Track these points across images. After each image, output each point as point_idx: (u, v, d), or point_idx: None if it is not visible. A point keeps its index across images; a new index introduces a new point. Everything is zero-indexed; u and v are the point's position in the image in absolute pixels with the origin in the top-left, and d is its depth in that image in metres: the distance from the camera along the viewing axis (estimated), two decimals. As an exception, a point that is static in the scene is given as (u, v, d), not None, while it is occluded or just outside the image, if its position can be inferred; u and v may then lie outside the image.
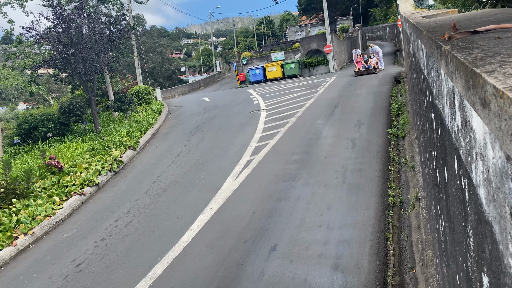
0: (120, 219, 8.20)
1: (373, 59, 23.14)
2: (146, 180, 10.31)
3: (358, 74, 22.53)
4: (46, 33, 15.81)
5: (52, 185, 10.06)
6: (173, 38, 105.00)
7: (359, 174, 8.23)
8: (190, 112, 19.53)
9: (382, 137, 10.34)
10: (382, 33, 61.87)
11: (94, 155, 12.40)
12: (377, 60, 23.18)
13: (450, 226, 2.44)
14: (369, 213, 6.61)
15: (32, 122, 16.58)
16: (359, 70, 22.67)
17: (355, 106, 14.14)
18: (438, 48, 2.16)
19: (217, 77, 49.75)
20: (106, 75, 21.03)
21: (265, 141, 11.65)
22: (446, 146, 2.38)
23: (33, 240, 7.87)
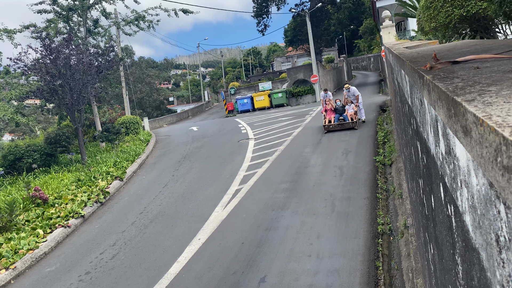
0: (106, 252, 8.00)
1: (350, 107, 15.54)
2: (133, 211, 10.15)
3: (328, 130, 15.24)
4: (34, 64, 15.84)
5: (36, 217, 9.82)
6: (161, 69, 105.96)
7: (348, 202, 8.22)
8: (178, 141, 19.50)
9: (369, 165, 10.41)
10: (367, 63, 63.37)
11: (80, 186, 12.21)
12: (356, 109, 15.54)
13: (439, 253, 2.43)
14: (359, 242, 6.57)
15: (17, 153, 16.34)
16: (330, 124, 15.28)
17: (342, 135, 14.28)
18: (420, 77, 2.22)
19: (205, 107, 50.03)
20: (94, 105, 21.00)
21: (254, 170, 11.63)
22: (432, 173, 2.41)
23: (15, 275, 7.61)
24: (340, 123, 15.09)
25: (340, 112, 15.55)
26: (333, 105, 15.81)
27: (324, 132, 15.05)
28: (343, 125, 15.02)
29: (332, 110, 15.77)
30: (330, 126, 15.14)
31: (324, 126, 15.21)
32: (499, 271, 1.03)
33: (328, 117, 15.55)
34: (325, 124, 15.20)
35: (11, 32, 17.57)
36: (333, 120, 15.39)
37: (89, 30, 20.75)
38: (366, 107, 19.94)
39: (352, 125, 14.92)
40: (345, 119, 15.31)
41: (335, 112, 15.69)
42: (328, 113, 15.76)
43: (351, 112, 15.27)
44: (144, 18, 23.19)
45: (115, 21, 23.23)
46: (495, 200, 1.02)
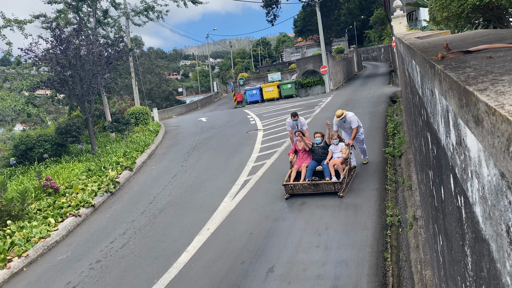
0: (116, 241, 8.10)
1: (336, 149, 9.14)
2: (142, 201, 10.24)
3: (292, 193, 8.64)
4: (45, 54, 15.94)
5: (48, 206, 9.96)
6: (170, 60, 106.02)
7: (357, 194, 8.20)
8: (187, 132, 19.57)
9: (378, 156, 10.36)
10: (377, 54, 62.75)
11: (91, 176, 12.33)
12: (347, 152, 8.98)
13: (448, 245, 2.42)
14: (367, 233, 6.56)
15: (28, 143, 16.53)
16: (296, 183, 8.60)
17: (352, 126, 14.19)
18: (431, 67, 2.19)
19: (214, 98, 50.05)
20: (104, 96, 21.12)
21: (262, 160, 11.64)
22: (442, 164, 2.39)
23: (27, 262, 7.75)
24: (313, 182, 8.35)
25: (319, 158, 9.05)
26: (307, 144, 9.14)
27: (285, 197, 8.47)
28: (318, 186, 8.31)
29: (306, 152, 9.23)
30: (295, 187, 8.42)
31: (286, 187, 8.45)
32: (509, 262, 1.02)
33: (298, 166, 8.95)
34: (287, 183, 8.46)
35: (22, 22, 17.68)
36: (304, 174, 8.74)
37: (98, 20, 20.79)
38: (376, 99, 19.75)
39: (335, 188, 8.15)
40: (325, 172, 8.70)
41: (310, 156, 9.19)
42: (299, 158, 9.16)
43: (338, 159, 8.66)
44: (153, 9, 23.17)
45: (124, 12, 23.25)
46: (507, 190, 1.01)
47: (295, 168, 8.95)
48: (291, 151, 9.41)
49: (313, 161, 9.05)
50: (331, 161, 8.76)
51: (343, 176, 8.34)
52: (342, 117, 9.36)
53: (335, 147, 9.03)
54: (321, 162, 8.97)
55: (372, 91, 23.60)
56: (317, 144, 9.23)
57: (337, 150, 9.01)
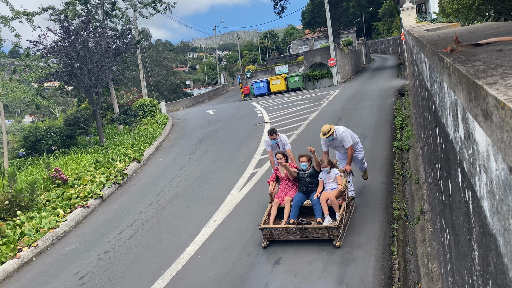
0: (124, 232, 8.18)
1: (329, 178, 6.92)
2: (150, 193, 10.31)
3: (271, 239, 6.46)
4: (53, 46, 16.02)
5: (57, 197, 10.07)
6: (178, 52, 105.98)
7: (364, 187, 8.19)
8: (194, 125, 19.61)
9: (386, 150, 10.31)
10: (386, 47, 62.19)
11: (99, 167, 12.43)
12: (343, 183, 6.73)
13: (455, 239, 2.41)
14: (374, 227, 6.56)
15: (37, 134, 16.69)
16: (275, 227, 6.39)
17: (359, 119, 14.14)
18: (440, 60, 2.17)
19: (222, 90, 50.02)
20: (112, 88, 21.20)
21: (269, 153, 11.63)
22: (449, 158, 2.38)
23: (37, 252, 7.86)
24: (300, 226, 6.21)
25: (307, 189, 6.96)
26: (292, 172, 7.05)
27: (262, 245, 6.42)
28: (306, 232, 6.21)
29: (289, 181, 7.20)
30: (276, 232, 6.39)
31: (263, 231, 6.40)
32: (516, 257, 1.02)
33: (279, 200, 6.91)
34: (265, 226, 6.42)
35: (30, 14, 17.74)
36: (288, 212, 6.67)
37: (106, 12, 20.80)
38: (384, 92, 19.61)
39: (330, 235, 6.13)
40: (315, 210, 6.58)
41: (295, 186, 7.17)
42: (281, 189, 7.17)
43: (332, 193, 6.59)
44: (160, 0, 23.12)
45: (132, 4, 23.23)
46: (515, 185, 1.01)
47: (276, 203, 6.84)
48: (271, 179, 7.34)
49: (299, 193, 6.91)
50: (323, 194, 6.61)
51: (339, 216, 6.25)
52: (329, 134, 6.99)
53: (327, 175, 6.88)
54: (310, 195, 6.84)
55: (380, 84, 23.44)
56: (303, 170, 7.11)
57: (329, 179, 6.84)
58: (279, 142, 8.16)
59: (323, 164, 6.89)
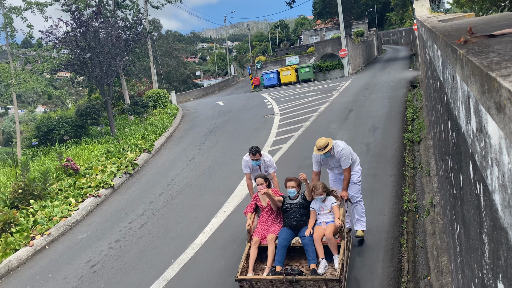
0: (135, 221, 8.28)
1: (324, 209, 5.38)
2: (160, 183, 10.39)
3: None
4: (65, 37, 16.12)
5: (68, 186, 10.21)
6: (188, 43, 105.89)
7: (374, 179, 8.15)
8: (204, 116, 19.65)
9: (397, 142, 10.24)
10: (398, 37, 61.39)
11: (110, 157, 12.55)
12: (340, 216, 5.25)
13: (466, 232, 2.40)
14: (383, 219, 6.55)
15: (50, 124, 16.88)
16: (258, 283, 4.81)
17: (370, 111, 14.04)
18: (453, 52, 2.14)
19: (232, 81, 49.96)
20: (122, 78, 21.30)
21: (279, 145, 11.64)
22: (461, 151, 2.35)
23: (49, 240, 8.00)
24: (289, 278, 4.68)
25: (296, 223, 5.47)
26: (276, 201, 5.56)
27: None
28: (297, 285, 4.71)
29: (273, 213, 5.73)
30: (256, 285, 4.86)
31: (241, 284, 4.86)
32: (527, 251, 1.02)
33: (259, 238, 5.40)
34: (243, 277, 4.86)
35: (42, 5, 17.85)
36: (272, 254, 5.19)
37: (117, 3, 20.83)
38: (396, 83, 19.40)
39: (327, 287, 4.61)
40: (307, 253, 5.12)
41: (280, 219, 5.73)
42: (262, 222, 5.65)
43: (328, 228, 5.17)
44: (171, -9, 23.07)
45: (142, -6, 23.23)
46: (527, 179, 1.00)
47: (256, 242, 5.27)
48: (249, 209, 5.75)
49: (285, 229, 5.38)
50: (316, 231, 5.15)
51: (340, 262, 4.80)
52: (326, 150, 5.56)
53: (320, 204, 5.39)
54: (300, 231, 5.35)
55: (391, 75, 23.20)
56: (291, 199, 5.56)
57: (324, 209, 5.36)
58: (262, 163, 6.48)
59: (318, 191, 5.31)
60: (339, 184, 6.00)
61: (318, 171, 5.97)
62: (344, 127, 12.54)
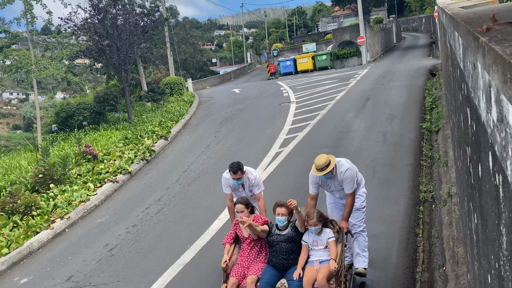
0: (151, 207, 8.41)
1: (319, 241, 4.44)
2: (177, 169, 10.51)
3: None
4: (83, 24, 16.26)
5: (87, 172, 10.40)
6: (205, 30, 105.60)
7: (390, 169, 8.09)
8: (220, 103, 19.69)
9: (414, 131, 10.11)
10: (418, 25, 60.08)
11: (127, 143, 12.72)
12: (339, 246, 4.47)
13: (483, 223, 2.38)
14: (399, 208, 6.51)
15: (69, 110, 17.16)
16: None
17: (388, 99, 13.85)
18: (475, 40, 2.09)
19: (248, 69, 49.78)
20: (140, 65, 21.42)
21: (294, 133, 11.61)
22: (480, 141, 2.32)
23: (69, 224, 8.20)
24: None
25: (283, 263, 4.45)
26: (259, 232, 4.57)
27: None
28: None
29: (256, 245, 4.72)
30: None
31: None
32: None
33: (237, 280, 4.42)
34: None
35: (61, -8, 17.95)
36: None
37: (134, -11, 20.84)
38: (415, 71, 19.06)
39: None
40: None
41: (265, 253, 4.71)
42: (242, 257, 4.69)
43: (323, 270, 4.20)
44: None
45: (159, -19, 23.16)
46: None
47: (233, 284, 4.39)
48: (227, 239, 4.88)
49: (269, 268, 4.45)
50: (307, 273, 4.25)
51: None
52: (327, 171, 4.65)
53: (314, 237, 4.47)
54: (287, 272, 4.43)
55: (410, 63, 22.79)
56: (279, 229, 4.61)
57: (319, 244, 4.44)
58: (246, 181, 5.39)
59: (312, 221, 4.38)
60: (339, 210, 5.00)
61: (315, 194, 4.99)
62: (361, 116, 12.42)
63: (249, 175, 5.37)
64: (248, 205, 4.80)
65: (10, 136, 68.04)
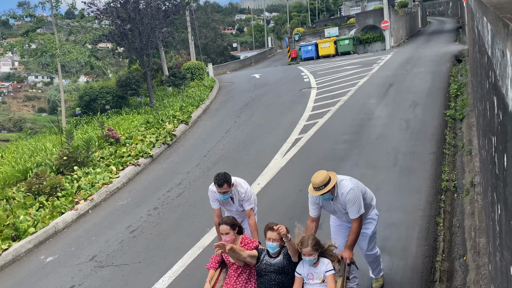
0: (172, 190, 8.54)
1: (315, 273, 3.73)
2: (197, 154, 10.61)
3: None
4: (106, 8, 16.40)
5: (110, 155, 10.61)
6: (226, 14, 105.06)
7: (412, 157, 7.99)
8: (240, 88, 19.67)
9: (438, 119, 9.91)
10: (444, 9, 58.28)
11: (149, 128, 12.89)
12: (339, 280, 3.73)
13: (507, 214, 2.34)
14: (420, 197, 6.44)
15: (92, 94, 17.43)
16: None
17: (411, 86, 13.58)
18: (505, 26, 2.03)
19: (268, 54, 49.41)
20: (161, 50, 21.52)
21: (315, 119, 11.53)
22: (507, 131, 2.26)
23: (92, 206, 8.42)
24: None
25: None
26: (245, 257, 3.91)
27: None
28: None
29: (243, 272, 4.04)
30: None
31: None
32: None
33: None
34: None
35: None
36: None
37: (156, -27, 20.81)
38: (440, 57, 18.56)
39: None
40: None
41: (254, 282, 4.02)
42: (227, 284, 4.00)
43: None
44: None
45: (181, -36, 23.04)
46: None
47: None
48: (212, 264, 4.14)
49: None
50: None
51: None
52: (325, 191, 3.93)
53: (309, 269, 3.78)
54: None
55: (436, 49, 22.21)
56: (270, 256, 3.94)
57: (314, 277, 3.77)
58: (236, 195, 4.77)
59: (305, 249, 3.70)
60: (344, 235, 4.27)
61: (315, 216, 4.27)
62: (383, 102, 12.24)
63: (239, 188, 4.74)
64: (235, 226, 4.12)
65: (36, 119, 69.81)
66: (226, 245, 3.71)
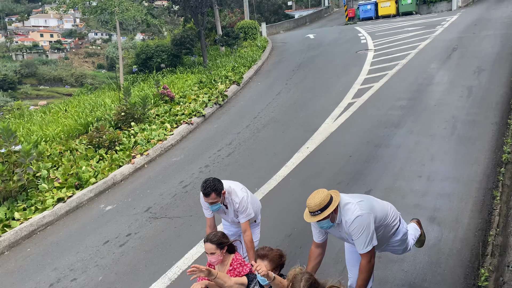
0: (223, 150, 8.75)
1: None
2: (247, 115, 10.70)
3: None
4: (162, -34, 16.42)
5: (164, 112, 10.96)
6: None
7: (472, 126, 7.59)
8: (293, 49, 19.28)
9: (505, 86, 9.25)
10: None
11: (202, 87, 13.09)
12: None
13: None
14: (477, 168, 6.16)
15: (148, 52, 17.83)
16: None
17: (477, 50, 12.66)
18: None
19: (324, 13, 47.62)
20: (216, 8, 21.39)
21: (370, 83, 11.15)
22: None
23: (148, 160, 8.83)
24: None
25: None
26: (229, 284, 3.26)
27: None
28: None
29: None
30: None
31: None
32: None
33: None
34: None
35: None
36: None
37: None
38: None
39: None
40: None
41: None
42: None
43: None
44: None
45: None
46: None
47: None
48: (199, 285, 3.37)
49: None
50: None
51: None
52: (321, 217, 3.15)
53: None
54: None
55: (509, 9, 20.34)
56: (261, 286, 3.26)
57: None
58: (230, 204, 4.09)
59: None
60: (358, 261, 3.37)
61: (320, 242, 3.46)
62: (445, 67, 11.56)
63: (233, 197, 4.01)
64: (222, 245, 3.47)
65: (95, 75, 72.99)
66: (203, 269, 3.06)
